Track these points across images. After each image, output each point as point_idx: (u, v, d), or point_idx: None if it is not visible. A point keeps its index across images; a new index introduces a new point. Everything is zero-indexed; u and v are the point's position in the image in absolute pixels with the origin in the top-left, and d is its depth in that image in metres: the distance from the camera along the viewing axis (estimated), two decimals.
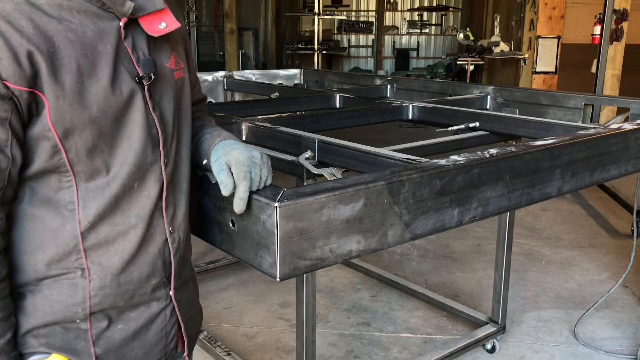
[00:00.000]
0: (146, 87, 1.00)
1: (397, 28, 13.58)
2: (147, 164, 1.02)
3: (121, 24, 0.97)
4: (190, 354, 1.23)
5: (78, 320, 1.02)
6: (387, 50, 13.57)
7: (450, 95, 2.70)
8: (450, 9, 13.45)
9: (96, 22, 0.95)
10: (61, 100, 0.91)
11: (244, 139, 1.93)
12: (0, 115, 0.89)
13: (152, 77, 1.01)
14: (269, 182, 1.10)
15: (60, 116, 0.91)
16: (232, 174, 1.08)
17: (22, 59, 0.87)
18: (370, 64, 13.56)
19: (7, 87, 0.88)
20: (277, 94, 2.93)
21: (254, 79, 3.44)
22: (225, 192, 1.07)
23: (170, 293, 1.12)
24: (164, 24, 1.01)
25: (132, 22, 0.99)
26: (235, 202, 1.06)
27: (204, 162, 1.17)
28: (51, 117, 0.91)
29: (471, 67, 8.34)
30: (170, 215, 1.08)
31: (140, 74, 0.99)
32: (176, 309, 1.14)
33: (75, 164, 0.95)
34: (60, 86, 0.90)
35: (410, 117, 2.39)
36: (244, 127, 1.93)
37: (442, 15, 13.51)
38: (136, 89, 0.99)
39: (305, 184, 1.62)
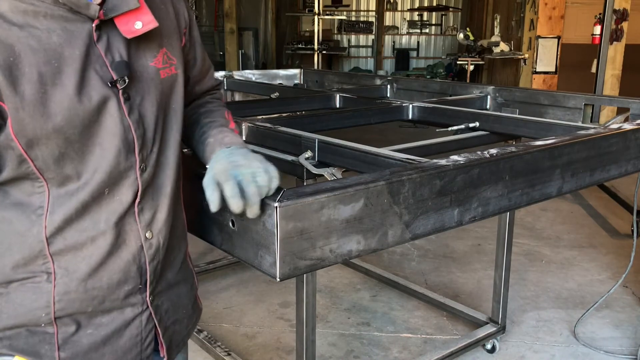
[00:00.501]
0: (120, 91, 0.96)
1: (397, 28, 13.58)
2: (120, 171, 0.98)
3: (93, 26, 0.93)
4: (171, 358, 1.19)
5: (43, 325, 1.00)
6: (387, 50, 13.57)
7: (450, 95, 2.70)
8: (450, 9, 13.45)
9: (65, 26, 0.90)
10: (21, 111, 0.87)
11: (243, 139, 1.92)
12: None
13: (127, 80, 0.96)
14: (271, 192, 1.01)
15: (21, 127, 0.88)
16: (214, 190, 1.01)
17: None
18: (370, 64, 13.57)
19: None
20: (277, 94, 2.93)
21: (254, 79, 3.44)
22: (212, 207, 1.01)
23: (147, 299, 1.09)
24: (140, 23, 0.96)
25: (108, 23, 0.94)
26: (229, 202, 0.99)
27: None
28: (13, 128, 0.88)
29: (471, 67, 8.34)
30: (147, 220, 1.04)
31: (114, 78, 0.94)
32: (153, 315, 1.10)
33: (44, 171, 0.93)
34: (19, 97, 0.87)
35: (410, 117, 2.39)
36: (244, 127, 1.93)
37: (442, 15, 13.51)
38: (109, 94, 0.94)
39: (305, 184, 1.62)
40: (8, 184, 0.95)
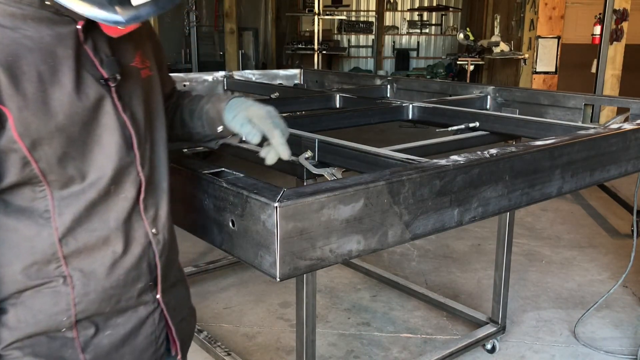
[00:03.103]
0: (113, 89, 0.98)
1: (397, 28, 13.58)
2: (122, 167, 1.00)
3: (78, 27, 0.94)
4: (184, 357, 1.22)
5: (64, 329, 1.00)
6: (387, 50, 13.56)
7: (450, 95, 2.70)
8: (450, 9, 13.44)
9: (52, 27, 0.92)
10: (25, 110, 0.88)
11: (244, 138, 1.92)
12: None
13: (118, 77, 0.99)
14: (287, 133, 1.18)
15: (25, 127, 0.88)
16: (254, 126, 1.14)
17: None
18: (370, 64, 13.56)
19: None
20: (277, 94, 2.93)
21: (254, 79, 3.44)
22: (255, 139, 1.14)
23: (158, 296, 1.11)
24: None
25: (91, 25, 0.95)
26: (281, 150, 1.15)
27: (219, 129, 1.20)
28: (16, 129, 0.88)
29: (471, 67, 8.34)
30: (152, 216, 1.07)
31: (106, 76, 0.97)
32: (165, 312, 1.12)
33: (47, 173, 0.93)
34: (22, 96, 0.87)
35: (410, 117, 2.39)
36: None
37: (442, 15, 13.51)
38: (103, 92, 0.97)
39: (305, 184, 1.62)
40: (7, 193, 0.94)
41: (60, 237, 0.96)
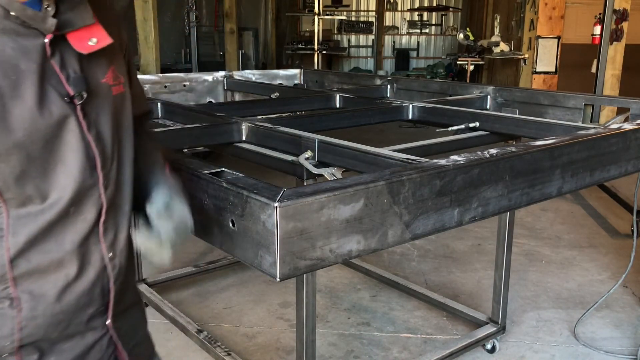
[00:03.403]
0: (79, 107, 0.93)
1: (397, 28, 13.59)
2: (84, 188, 0.96)
3: (46, 41, 0.89)
4: None
5: (5, 355, 0.95)
6: (387, 50, 13.57)
7: (450, 95, 2.70)
8: (450, 9, 13.45)
9: (17, 40, 0.87)
10: None
11: (244, 138, 1.93)
12: None
13: (85, 95, 0.94)
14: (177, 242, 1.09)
15: None
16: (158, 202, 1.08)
17: None
18: (370, 64, 13.57)
19: None
20: (277, 94, 2.93)
21: (254, 79, 3.44)
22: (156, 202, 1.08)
23: (107, 322, 1.06)
24: (95, 39, 0.95)
25: (60, 39, 0.91)
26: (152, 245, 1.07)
27: (148, 206, 1.11)
28: None
29: (471, 67, 8.34)
30: (110, 240, 1.03)
31: (71, 93, 0.92)
32: (114, 338, 1.08)
33: (4, 191, 0.89)
34: None
35: (410, 117, 2.39)
36: (244, 127, 1.93)
37: (442, 15, 13.52)
38: (68, 110, 0.92)
39: (305, 184, 1.62)
40: None
41: (11, 258, 0.92)
